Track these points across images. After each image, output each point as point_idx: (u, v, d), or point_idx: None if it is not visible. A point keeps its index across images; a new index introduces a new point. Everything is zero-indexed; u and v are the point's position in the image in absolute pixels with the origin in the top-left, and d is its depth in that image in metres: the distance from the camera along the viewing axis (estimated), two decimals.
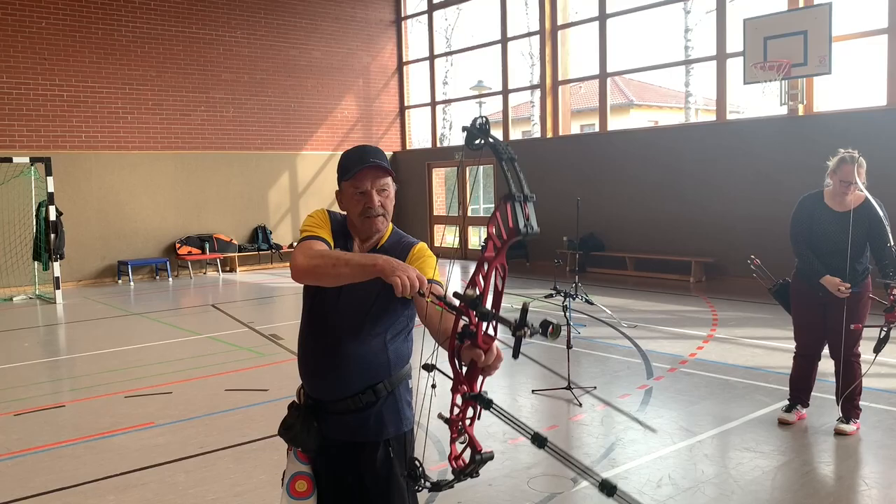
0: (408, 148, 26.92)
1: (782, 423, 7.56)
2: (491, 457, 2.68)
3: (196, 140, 22.15)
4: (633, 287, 17.40)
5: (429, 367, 2.88)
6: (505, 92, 23.73)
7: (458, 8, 27.98)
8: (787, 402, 7.82)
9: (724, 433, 7.47)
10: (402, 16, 26.68)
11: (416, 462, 3.18)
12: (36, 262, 18.69)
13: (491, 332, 2.72)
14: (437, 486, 3.03)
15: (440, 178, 26.52)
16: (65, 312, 16.26)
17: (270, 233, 23.42)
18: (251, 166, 23.22)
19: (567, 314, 9.46)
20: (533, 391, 8.92)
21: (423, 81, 26.91)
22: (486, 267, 2.56)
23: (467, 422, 2.76)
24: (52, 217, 17.51)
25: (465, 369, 2.84)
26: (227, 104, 22.68)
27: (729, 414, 8.02)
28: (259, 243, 23.21)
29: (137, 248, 21.21)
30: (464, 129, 2.62)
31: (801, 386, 7.70)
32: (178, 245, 21.60)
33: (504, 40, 23.49)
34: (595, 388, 9.03)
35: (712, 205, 18.02)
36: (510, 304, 12.09)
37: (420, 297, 3.08)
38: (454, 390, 2.72)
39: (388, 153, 26.52)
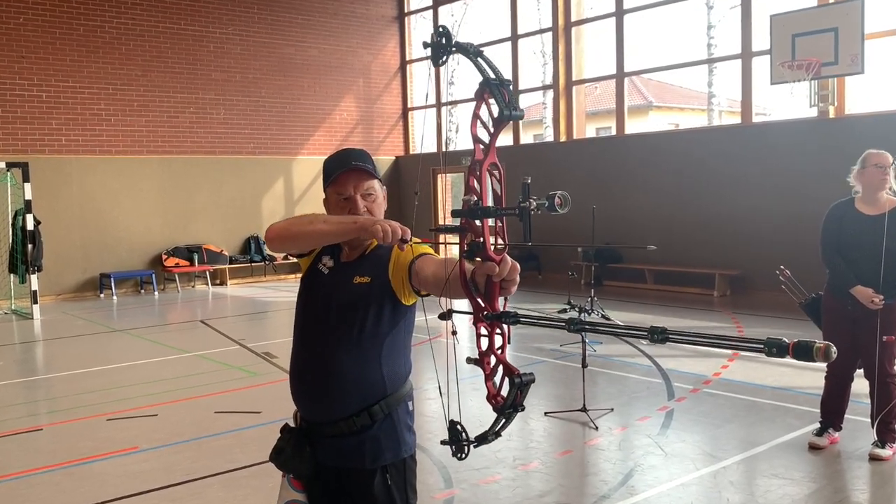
0: (411, 152, 26.94)
1: (813, 448, 7.53)
2: (532, 379, 2.58)
3: (184, 144, 22.19)
4: (653, 301, 17.42)
5: (445, 315, 2.76)
6: (515, 92, 24.08)
7: (465, 2, 28.05)
8: (818, 426, 7.76)
9: (751, 458, 7.44)
10: (406, 11, 26.76)
11: (458, 426, 2.83)
12: (12, 275, 18.87)
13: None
14: (483, 438, 2.81)
15: (446, 185, 26.46)
16: (42, 329, 16.23)
17: (264, 243, 23.23)
18: (243, 172, 23.25)
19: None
20: (546, 414, 8.88)
21: (428, 83, 26.75)
22: (478, 171, 2.55)
23: (498, 350, 2.67)
24: (30, 226, 17.49)
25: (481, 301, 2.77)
26: (218, 105, 22.72)
27: (756, 438, 7.99)
28: (251, 254, 23.25)
29: (121, 259, 21.23)
30: (425, 45, 2.58)
31: (832, 408, 7.65)
32: (164, 256, 21.58)
33: (514, 37, 23.54)
34: (612, 410, 9.00)
35: (738, 213, 17.97)
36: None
37: (403, 244, 3.15)
38: (475, 321, 2.63)
39: (390, 158, 26.42)
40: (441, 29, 2.59)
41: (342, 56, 25.24)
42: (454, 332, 2.86)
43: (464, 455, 2.84)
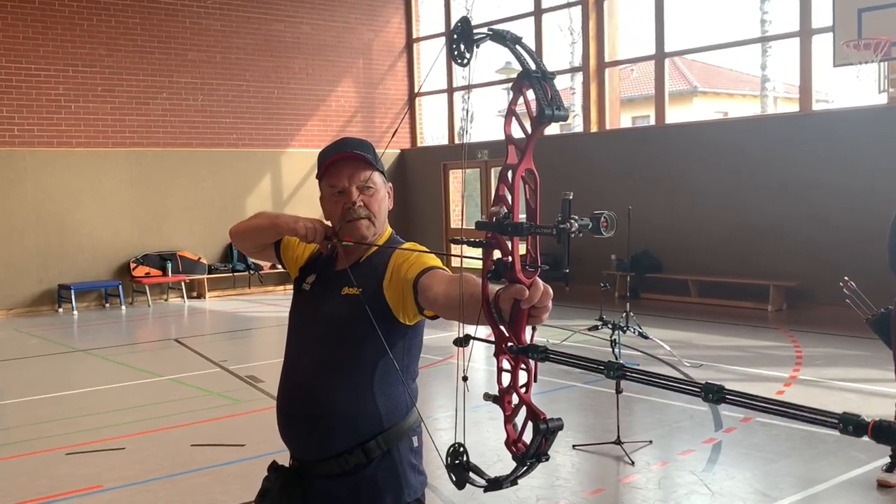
0: (419, 145, 26.92)
1: (882, 486, 7.54)
2: (560, 425, 2.46)
3: (156, 135, 22.22)
4: (698, 317, 17.46)
5: (462, 341, 2.61)
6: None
7: None
8: (888, 460, 7.78)
9: (811, 498, 7.46)
10: None
11: (460, 447, 2.62)
12: None
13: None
14: (497, 483, 2.64)
15: (458, 183, 26.31)
16: None
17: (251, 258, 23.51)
18: (225, 167, 23.26)
19: (616, 351, 9.49)
20: (574, 447, 8.90)
21: (438, 63, 26.68)
22: (510, 177, 2.46)
23: (522, 389, 2.54)
24: None
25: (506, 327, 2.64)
26: (195, 90, 22.77)
27: (816, 475, 8.00)
28: (234, 263, 23.36)
29: (83, 268, 21.25)
30: (452, 45, 2.42)
31: None
32: (133, 265, 21.66)
33: (538, 12, 23.54)
34: (650, 442, 9.03)
35: (795, 216, 17.96)
36: (546, 339, 11.90)
37: (328, 242, 3.31)
38: (497, 354, 2.51)
39: (394, 151, 26.30)
40: (458, 23, 2.50)
41: (339, 33, 25.21)
42: (465, 378, 2.72)
43: (463, 485, 2.70)
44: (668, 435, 9.39)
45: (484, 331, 2.64)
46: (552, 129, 27.57)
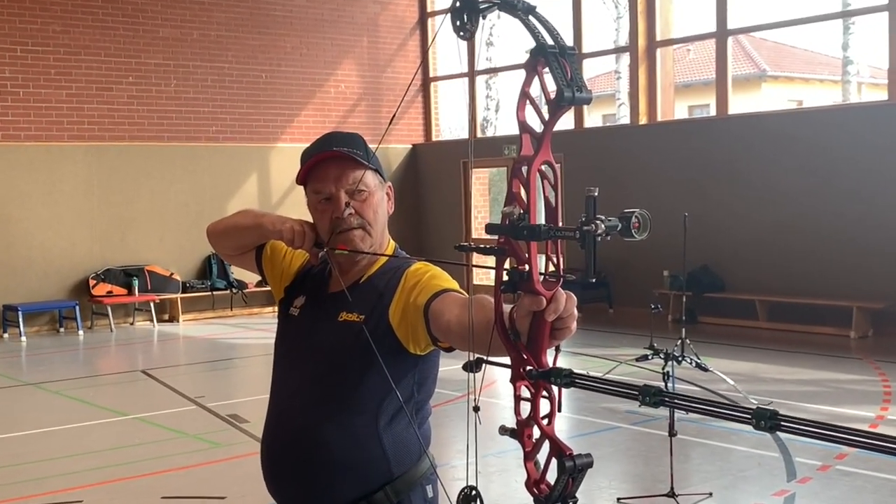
0: (434, 139, 27.00)
1: None
2: (589, 463, 2.40)
3: (121, 127, 22.21)
4: (767, 345, 17.51)
5: (472, 366, 2.59)
6: (578, 57, 24.03)
7: None
8: None
9: None
10: None
11: (472, 491, 2.62)
12: None
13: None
14: None
15: (482, 184, 26.43)
16: None
17: (229, 265, 23.51)
18: (202, 165, 23.32)
19: (668, 384, 9.49)
20: (619, 500, 8.90)
21: (457, 41, 26.55)
22: (524, 171, 2.41)
23: (543, 421, 2.49)
24: None
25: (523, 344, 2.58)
26: (167, 74, 22.80)
27: None
28: (213, 279, 23.36)
29: (32, 286, 21.20)
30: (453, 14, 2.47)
31: None
32: (92, 282, 21.71)
33: None
34: (710, 494, 9.02)
35: (883, 225, 17.87)
36: (585, 372, 11.79)
37: (319, 251, 3.36)
38: (515, 379, 2.47)
39: (405, 146, 26.33)
40: None
41: (339, 6, 25.27)
42: (476, 409, 2.65)
43: None
44: (732, 486, 9.38)
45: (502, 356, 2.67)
46: (592, 122, 27.58)
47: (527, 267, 2.41)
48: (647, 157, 21.47)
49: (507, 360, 2.52)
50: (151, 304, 22.51)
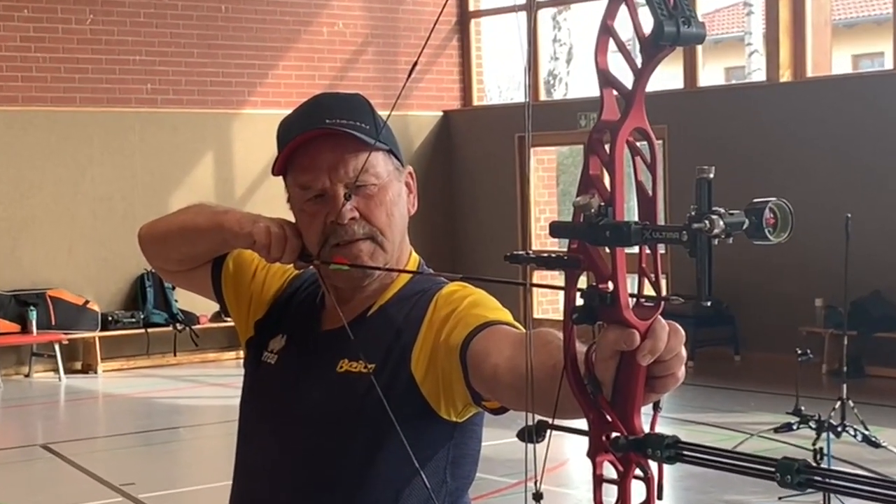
0: (475, 103, 26.56)
1: None
2: None
3: (11, 84, 21.76)
4: None
5: (532, 434, 2.48)
6: None
7: None
8: None
9: None
10: None
11: None
12: None
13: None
14: None
15: (546, 169, 25.80)
16: None
17: (173, 288, 22.21)
18: (132, 141, 22.69)
19: (823, 461, 9.58)
20: None
21: None
22: (610, 144, 2.33)
23: None
24: None
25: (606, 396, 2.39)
26: (80, 7, 22.28)
27: None
28: (147, 310, 22.76)
29: None
30: None
31: None
32: None
33: None
34: None
35: None
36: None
37: (306, 264, 3.35)
38: (594, 453, 2.38)
39: (433, 114, 25.41)
40: None
41: None
42: (538, 498, 2.44)
43: None
44: None
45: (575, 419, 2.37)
46: (710, 78, 27.60)
47: (611, 286, 2.28)
48: (791, 130, 20.42)
49: (582, 423, 2.37)
50: (56, 347, 21.76)
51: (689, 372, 2.32)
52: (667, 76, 21.00)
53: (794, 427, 11.25)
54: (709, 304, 2.14)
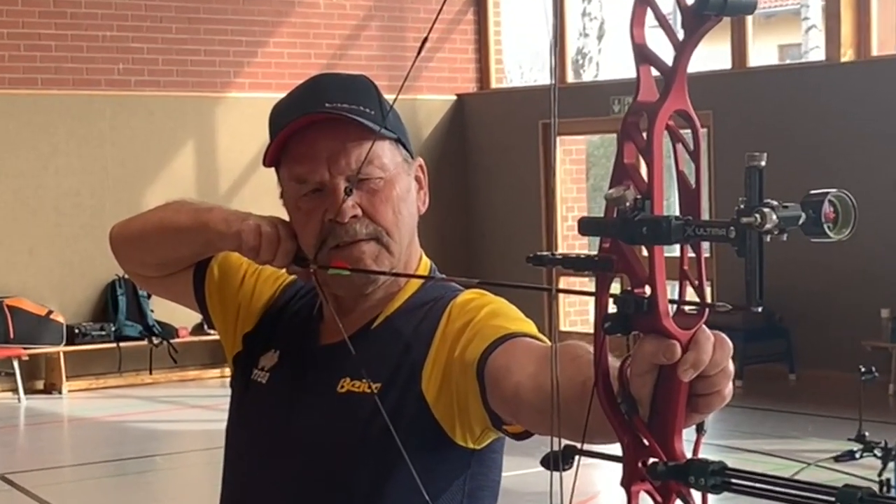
0: (494, 85, 26.51)
1: None
2: None
3: None
4: None
5: (558, 461, 2.45)
6: None
7: None
8: None
9: None
10: None
11: None
12: None
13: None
14: None
15: (575, 161, 25.75)
16: None
17: (148, 297, 22.11)
18: (101, 129, 22.44)
19: (890, 493, 9.25)
20: None
21: None
22: (649, 129, 2.29)
23: None
24: None
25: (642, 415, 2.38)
26: None
27: None
28: (119, 322, 22.63)
29: None
30: None
31: None
32: None
33: None
34: None
35: None
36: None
37: (303, 268, 3.28)
38: (629, 482, 2.37)
39: (446, 98, 25.31)
40: None
41: None
42: None
43: None
44: None
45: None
46: (762, 57, 27.45)
47: (648, 290, 2.25)
48: (853, 115, 19.87)
49: (616, 448, 2.38)
50: (15, 364, 21.61)
51: (738, 392, 2.07)
52: (712, 55, 20.84)
53: (857, 455, 10.96)
54: (759, 309, 2.11)
